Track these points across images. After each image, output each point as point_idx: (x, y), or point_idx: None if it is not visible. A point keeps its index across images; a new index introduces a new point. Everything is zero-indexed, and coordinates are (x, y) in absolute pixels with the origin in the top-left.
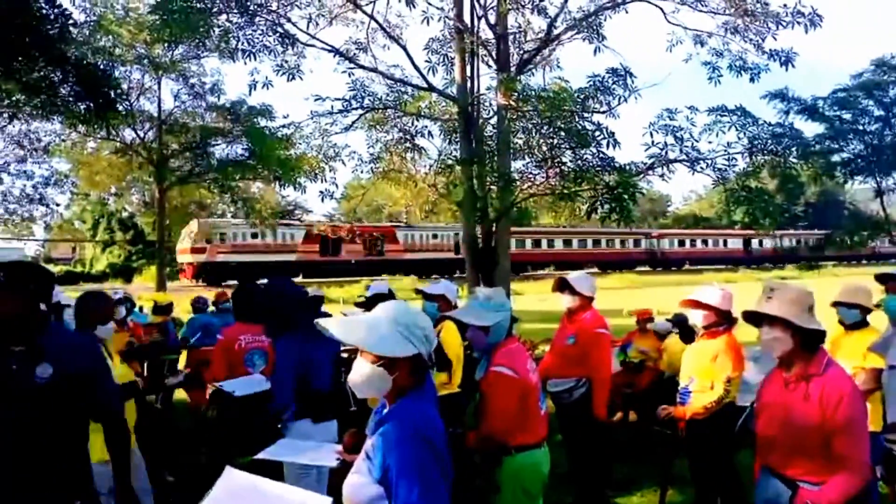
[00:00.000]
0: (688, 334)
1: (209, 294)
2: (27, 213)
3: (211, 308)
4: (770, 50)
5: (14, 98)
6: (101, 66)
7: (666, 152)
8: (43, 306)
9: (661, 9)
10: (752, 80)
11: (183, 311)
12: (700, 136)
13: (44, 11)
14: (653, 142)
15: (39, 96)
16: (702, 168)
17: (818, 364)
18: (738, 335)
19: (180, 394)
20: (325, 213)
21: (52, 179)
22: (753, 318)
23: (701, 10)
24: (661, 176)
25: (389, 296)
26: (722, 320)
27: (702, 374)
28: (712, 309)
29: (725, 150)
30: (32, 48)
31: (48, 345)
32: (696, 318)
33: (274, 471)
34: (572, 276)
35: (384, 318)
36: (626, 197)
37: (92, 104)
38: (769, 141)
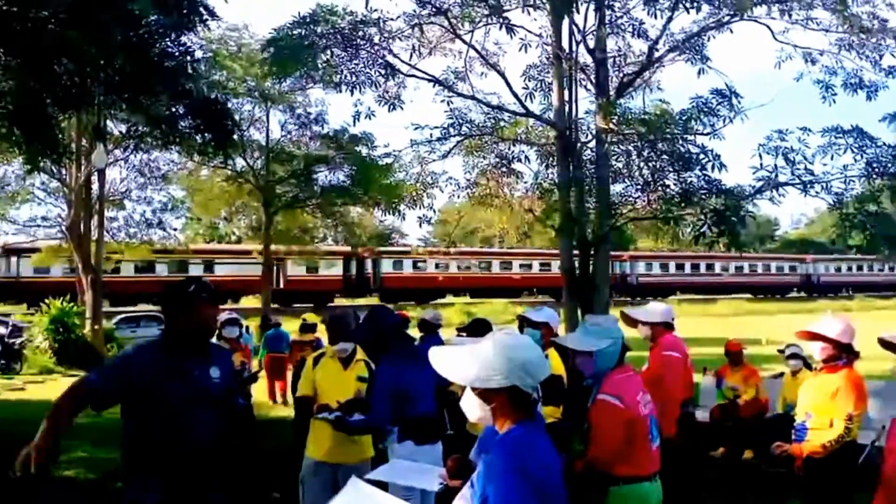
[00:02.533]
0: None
1: None
2: (146, 237)
3: None
4: (888, 67)
5: (139, 130)
6: (219, 100)
7: (776, 175)
8: None
9: (768, 27)
10: (868, 98)
11: None
12: (813, 158)
13: (169, 49)
14: (761, 164)
15: (160, 128)
16: (816, 192)
17: None
18: (860, 369)
19: None
20: (420, 237)
21: (169, 205)
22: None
23: (812, 29)
24: (771, 199)
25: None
26: (841, 353)
27: (820, 411)
28: (831, 341)
29: (841, 173)
30: (158, 83)
31: (211, 352)
32: (814, 350)
33: None
34: (632, 308)
35: (483, 350)
36: (734, 220)
37: (211, 136)
38: (890, 163)
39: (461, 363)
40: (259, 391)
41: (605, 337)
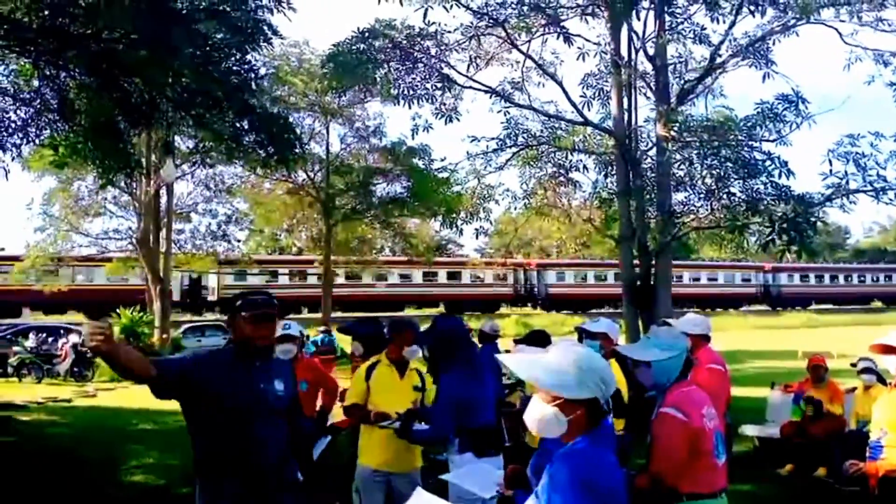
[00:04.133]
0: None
1: None
2: (211, 248)
3: None
4: None
5: (205, 145)
6: (281, 115)
7: (847, 181)
8: None
9: (836, 30)
10: None
11: None
12: (886, 164)
13: (234, 67)
14: (831, 170)
15: (226, 143)
16: (889, 199)
17: None
18: None
19: None
20: (476, 247)
21: (233, 217)
22: None
23: (883, 30)
24: (842, 207)
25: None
26: None
27: None
28: None
29: None
30: (223, 100)
31: (274, 365)
32: (890, 364)
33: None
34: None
35: (563, 359)
36: (805, 227)
37: (274, 150)
38: None
39: (548, 370)
40: None
41: (666, 348)
